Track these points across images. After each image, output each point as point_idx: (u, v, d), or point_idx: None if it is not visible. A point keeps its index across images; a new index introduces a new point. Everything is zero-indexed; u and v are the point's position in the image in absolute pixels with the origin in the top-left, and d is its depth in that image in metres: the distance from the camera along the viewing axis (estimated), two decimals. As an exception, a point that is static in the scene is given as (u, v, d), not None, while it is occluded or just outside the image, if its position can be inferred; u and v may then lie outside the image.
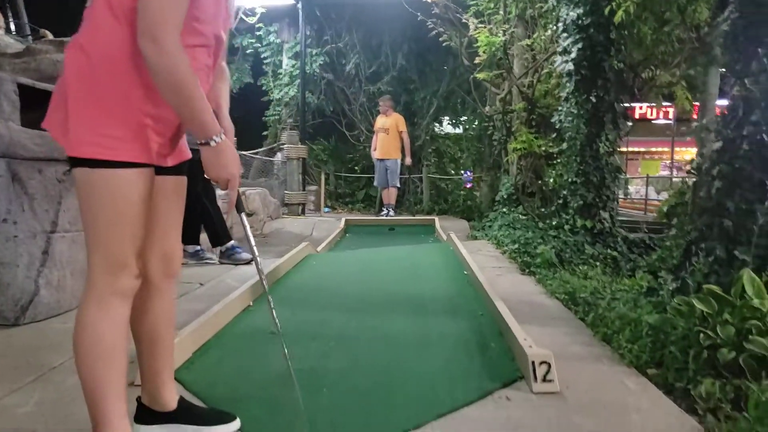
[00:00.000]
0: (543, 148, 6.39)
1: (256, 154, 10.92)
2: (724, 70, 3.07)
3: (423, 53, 10.70)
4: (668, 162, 25.86)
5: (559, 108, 5.25)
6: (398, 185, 9.59)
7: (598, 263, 4.53)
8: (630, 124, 5.72)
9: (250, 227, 1.71)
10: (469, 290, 3.77)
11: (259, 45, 11.42)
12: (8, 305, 2.94)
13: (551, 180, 6.05)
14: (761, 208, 2.71)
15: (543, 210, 6.28)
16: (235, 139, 1.66)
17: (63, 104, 1.39)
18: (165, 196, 1.60)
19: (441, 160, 11.48)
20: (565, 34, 5.07)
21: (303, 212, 9.99)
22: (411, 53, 10.76)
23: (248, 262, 4.97)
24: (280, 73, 11.25)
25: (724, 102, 3.25)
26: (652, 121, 25.26)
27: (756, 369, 2.05)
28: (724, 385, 2.04)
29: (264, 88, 11.59)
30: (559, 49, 5.20)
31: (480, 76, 7.20)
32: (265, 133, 11.89)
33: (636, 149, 28.25)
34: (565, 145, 5.20)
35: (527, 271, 4.40)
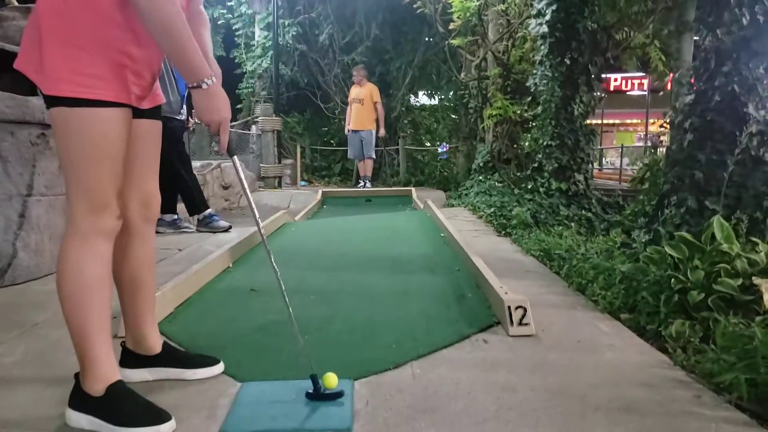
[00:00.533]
0: (518, 113, 6.40)
1: (231, 127, 10.74)
2: (697, 37, 3.08)
3: (398, 23, 10.57)
4: (643, 134, 26.16)
5: (534, 72, 5.25)
6: (373, 156, 9.54)
7: (572, 224, 4.58)
8: (604, 96, 5.75)
9: (227, 201, 1.74)
10: (445, 250, 3.80)
11: (230, 16, 11.16)
12: (-13, 268, 2.89)
13: (527, 144, 6.07)
14: (731, 159, 2.76)
15: (519, 175, 6.31)
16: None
17: (37, 43, 1.38)
18: (141, 139, 1.61)
19: (417, 131, 11.43)
20: (538, -3, 5.05)
21: (279, 185, 9.91)
22: (385, 23, 10.61)
23: (226, 230, 4.94)
24: (253, 45, 11.02)
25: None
26: (627, 93, 25.47)
27: (724, 309, 2.11)
28: (694, 325, 2.09)
29: (236, 60, 11.35)
30: (534, 12, 5.18)
31: (455, 42, 7.14)
32: (239, 106, 11.68)
33: (611, 121, 28.56)
34: (539, 109, 5.22)
35: (503, 232, 4.44)
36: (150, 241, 1.71)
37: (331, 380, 1.64)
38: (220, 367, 1.79)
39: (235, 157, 1.64)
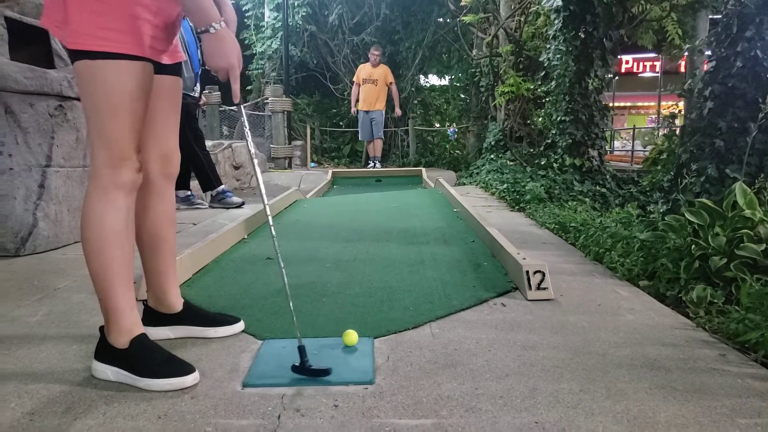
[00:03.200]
0: (531, 90, 6.33)
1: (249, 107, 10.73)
2: (713, 17, 3.02)
3: (407, 3, 10.46)
4: (655, 116, 25.85)
5: (548, 47, 5.18)
6: (382, 137, 9.50)
7: (587, 199, 4.54)
8: (615, 77, 5.64)
9: (238, 180, 1.75)
10: (459, 224, 3.78)
11: (241, 1, 11.10)
12: (8, 237, 2.94)
13: (539, 120, 6.01)
14: (753, 126, 2.72)
15: (532, 151, 6.26)
16: (219, 93, 1.67)
17: (61, 1, 1.41)
18: (162, 96, 1.62)
19: (427, 112, 11.34)
20: (553, -31, 4.97)
21: (289, 166, 9.91)
22: (395, 3, 10.50)
23: (239, 206, 4.96)
24: (263, 26, 10.95)
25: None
26: (639, 75, 25.14)
27: (746, 274, 2.08)
28: (716, 290, 2.07)
29: (246, 41, 11.29)
30: (548, -15, 5.10)
31: (467, 19, 7.05)
32: (249, 87, 11.65)
33: (622, 104, 28.22)
34: (553, 84, 5.16)
35: (517, 207, 4.41)
36: (170, 198, 1.72)
37: (352, 337, 1.64)
38: (240, 326, 1.80)
39: (242, 107, 1.64)
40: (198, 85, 4.86)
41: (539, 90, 5.94)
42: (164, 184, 1.68)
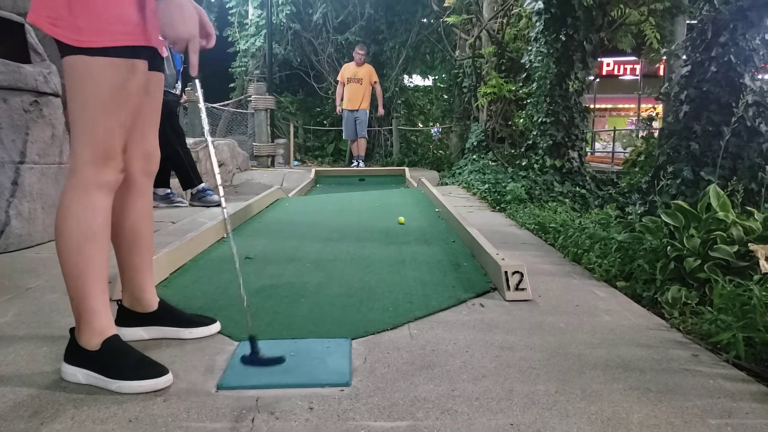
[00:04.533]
0: (512, 92, 6.37)
1: (225, 106, 10.66)
2: (690, 22, 3.06)
3: (392, 3, 10.46)
4: (635, 119, 26.14)
5: (529, 48, 5.21)
6: (366, 136, 9.51)
7: (567, 200, 4.58)
8: (596, 78, 5.69)
9: (221, 179, 1.71)
10: (440, 223, 3.79)
11: (225, -1, 11.03)
12: (-24, 234, 2.86)
13: (521, 122, 6.05)
14: (727, 129, 2.76)
15: (513, 152, 6.30)
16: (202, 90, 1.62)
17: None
18: (147, 92, 1.58)
19: (410, 112, 11.35)
20: (535, -28, 5.00)
21: (272, 164, 9.85)
22: (380, 3, 10.49)
23: (218, 204, 4.89)
24: (246, 24, 10.87)
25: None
26: (619, 78, 25.43)
27: (719, 275, 2.11)
28: (690, 290, 2.10)
29: (230, 39, 11.20)
30: (530, -13, 5.13)
31: (450, 20, 7.06)
32: (232, 85, 11.55)
33: (603, 106, 28.52)
34: (534, 86, 5.19)
35: (498, 208, 4.43)
36: (149, 194, 1.70)
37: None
38: (216, 327, 1.78)
39: (197, 81, 1.54)
40: (179, 82, 4.81)
41: (521, 91, 5.98)
42: (144, 182, 1.65)
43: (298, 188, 6.84)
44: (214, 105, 10.50)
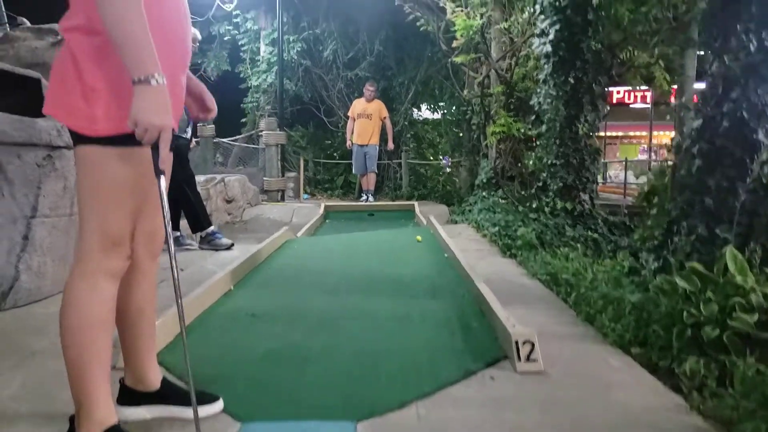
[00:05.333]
0: (522, 131, 6.37)
1: (235, 140, 10.78)
2: (701, 52, 3.04)
3: (400, 39, 10.59)
4: (646, 146, 26.04)
5: (538, 90, 5.22)
6: (376, 171, 9.55)
7: (579, 245, 4.53)
8: (608, 109, 5.68)
9: (230, 215, 1.68)
10: (449, 272, 3.75)
11: (236, 32, 11.22)
12: (-11, 291, 2.86)
13: (530, 163, 6.03)
14: (742, 186, 2.71)
15: (523, 194, 6.26)
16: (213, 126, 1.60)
17: (74, 86, 1.34)
18: None
19: (420, 145, 11.40)
20: (542, 16, 5.03)
21: (282, 198, 9.89)
22: (388, 39, 10.64)
23: (228, 248, 4.91)
24: (258, 60, 11.05)
25: (701, 85, 3.24)
26: (630, 106, 25.43)
27: (740, 346, 2.05)
28: (709, 363, 2.03)
29: (242, 75, 11.38)
30: (537, 31, 5.16)
31: (458, 59, 7.12)
32: (243, 120, 11.70)
33: (614, 134, 28.46)
34: (544, 128, 5.18)
35: (508, 253, 4.38)
36: (152, 275, 1.68)
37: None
38: (219, 405, 1.74)
39: (162, 177, 1.39)
40: (190, 126, 4.84)
41: (530, 132, 5.98)
42: (148, 263, 1.63)
43: (307, 226, 6.82)
44: (224, 140, 10.61)
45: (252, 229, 7.42)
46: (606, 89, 5.04)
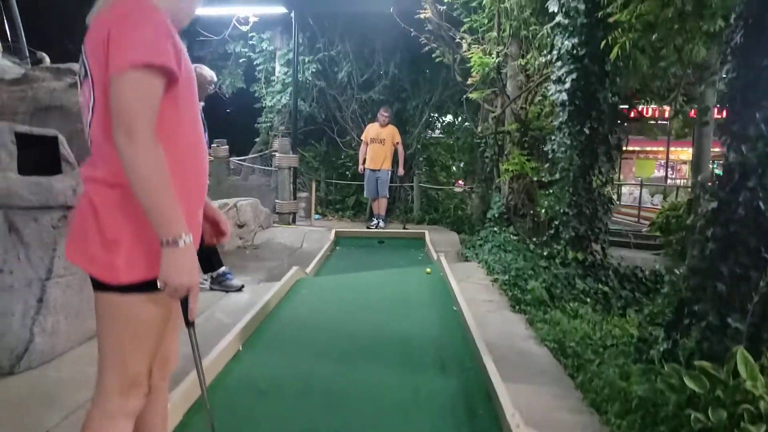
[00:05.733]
0: (535, 171, 6.35)
1: (243, 161, 10.87)
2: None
3: (416, 62, 10.60)
4: (663, 161, 25.69)
5: (552, 137, 5.20)
6: (387, 195, 9.59)
7: (588, 299, 4.50)
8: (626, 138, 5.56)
9: (242, 239, 1.71)
10: (458, 332, 3.74)
11: (252, 54, 11.32)
12: (4, 354, 2.91)
13: (542, 211, 6.01)
14: (756, 275, 2.68)
15: (536, 240, 6.23)
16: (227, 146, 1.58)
17: (94, 237, 1.38)
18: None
19: (432, 168, 11.40)
20: (559, 63, 5.02)
21: (294, 221, 9.93)
22: (404, 62, 10.65)
23: (239, 289, 4.94)
24: (273, 80, 11.12)
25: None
26: (648, 120, 25.09)
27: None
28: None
29: (257, 94, 11.46)
30: (553, 77, 5.14)
31: (473, 96, 7.13)
32: (257, 139, 11.79)
33: (630, 148, 28.16)
34: (558, 175, 5.16)
35: (518, 308, 4.36)
36: (164, 392, 1.70)
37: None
38: None
39: (192, 328, 1.46)
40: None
41: (542, 178, 5.95)
42: (161, 384, 1.65)
43: (317, 257, 6.85)
44: (241, 162, 10.70)
45: (263, 256, 7.45)
46: (621, 140, 5.00)
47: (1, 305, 2.88)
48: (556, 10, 4.96)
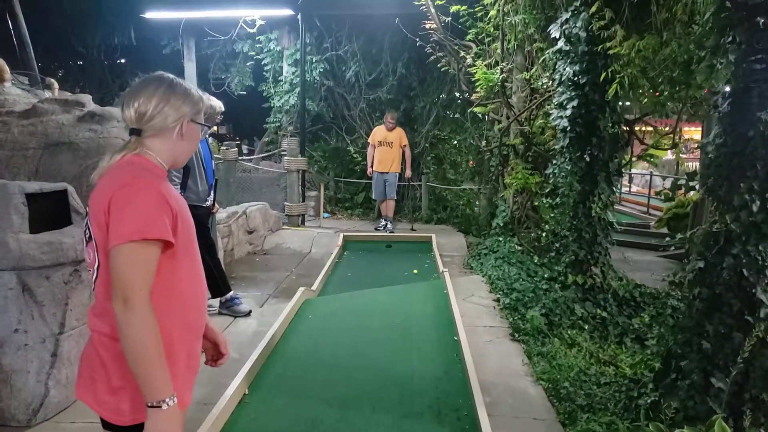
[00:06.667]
0: (539, 185, 6.40)
1: (250, 160, 10.98)
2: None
3: (423, 61, 10.56)
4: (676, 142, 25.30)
5: (554, 161, 5.25)
6: (395, 197, 9.69)
7: (586, 326, 4.62)
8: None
9: (251, 245, 1.84)
10: (457, 370, 3.87)
11: (260, 56, 11.36)
12: (21, 409, 3.09)
13: (543, 234, 6.08)
14: (739, 337, 2.78)
15: (539, 251, 6.32)
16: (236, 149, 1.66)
17: (101, 382, 1.53)
18: None
19: (440, 166, 11.44)
20: (561, 89, 5.04)
21: (303, 223, 10.09)
22: (411, 61, 10.64)
23: (247, 315, 5.11)
24: (281, 80, 11.17)
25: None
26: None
27: None
28: None
29: (265, 94, 11.53)
30: (555, 102, 5.17)
31: (477, 110, 7.15)
32: (266, 139, 11.89)
33: (642, 128, 27.83)
34: (558, 200, 5.23)
35: (517, 336, 4.49)
36: None
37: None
38: None
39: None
40: (211, 195, 5.01)
41: (546, 203, 6.00)
42: None
43: (325, 268, 6.99)
44: (248, 163, 10.81)
45: (272, 265, 7.62)
46: (621, 166, 5.04)
47: (18, 363, 3.06)
48: (558, 36, 4.97)
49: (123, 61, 13.81)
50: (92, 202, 1.53)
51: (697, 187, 6.01)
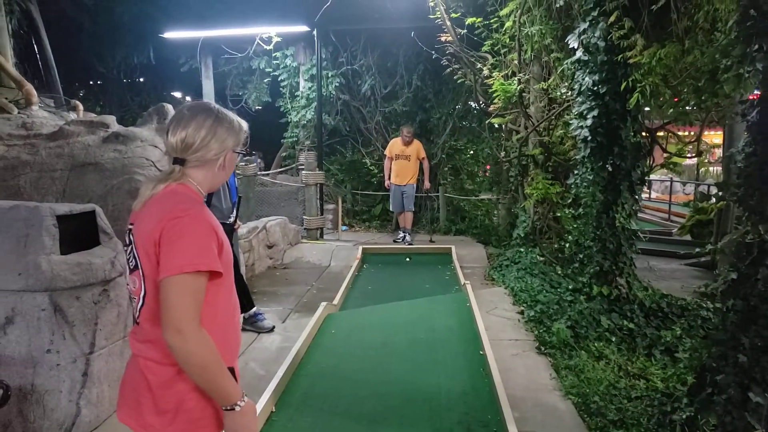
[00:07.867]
0: (560, 195, 6.36)
1: (266, 175, 11.06)
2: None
3: (439, 72, 10.61)
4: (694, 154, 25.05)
5: (576, 171, 5.22)
6: (413, 209, 9.69)
7: (613, 338, 4.55)
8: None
9: (271, 259, 1.86)
10: (484, 385, 3.83)
11: (276, 72, 11.49)
12: (53, 429, 3.12)
13: (566, 246, 6.03)
14: (776, 349, 2.72)
15: (561, 262, 6.26)
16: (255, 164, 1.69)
17: (147, 406, 1.55)
18: None
19: (458, 177, 11.43)
20: (580, 99, 5.02)
21: (321, 236, 10.12)
22: (426, 73, 10.69)
23: (270, 330, 5.12)
24: (297, 95, 11.28)
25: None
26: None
27: None
28: None
29: (282, 109, 11.64)
30: (575, 112, 5.15)
31: (495, 121, 7.14)
32: (284, 154, 11.98)
33: (661, 134, 27.57)
34: (581, 210, 5.19)
35: (543, 350, 4.44)
36: None
37: None
38: None
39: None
40: (234, 212, 5.04)
41: (569, 212, 5.95)
42: None
43: (345, 282, 6.99)
44: (266, 177, 10.89)
45: (292, 279, 7.63)
46: (644, 174, 4.99)
47: (50, 384, 3.09)
48: (576, 46, 4.95)
49: (142, 79, 14.05)
50: (139, 231, 1.55)
51: (722, 194, 5.94)
